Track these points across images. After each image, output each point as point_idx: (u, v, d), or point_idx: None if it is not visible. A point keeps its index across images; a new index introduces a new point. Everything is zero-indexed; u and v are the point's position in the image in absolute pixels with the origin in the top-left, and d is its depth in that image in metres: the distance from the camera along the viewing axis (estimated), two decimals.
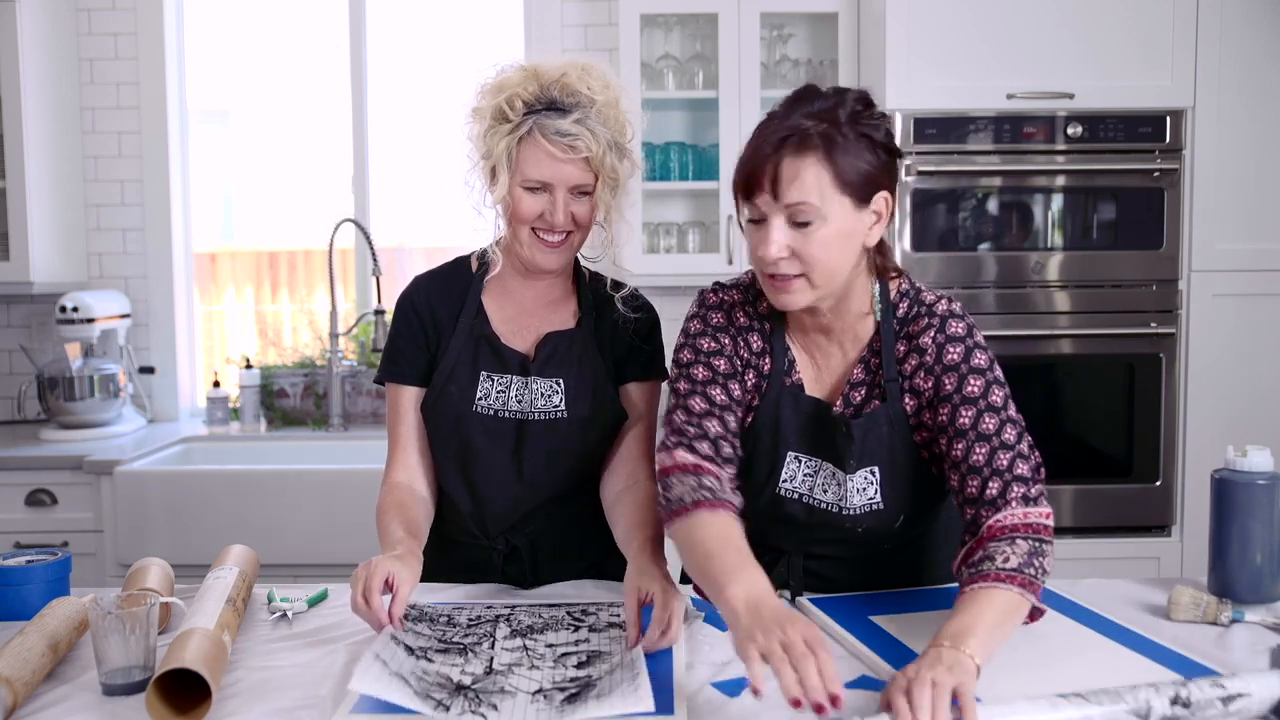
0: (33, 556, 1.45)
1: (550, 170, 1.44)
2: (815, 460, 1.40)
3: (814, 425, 1.40)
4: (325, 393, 3.29)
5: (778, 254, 1.27)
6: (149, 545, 2.64)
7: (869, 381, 1.39)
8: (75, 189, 3.25)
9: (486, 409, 1.53)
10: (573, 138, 1.42)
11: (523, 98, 1.44)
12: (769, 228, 1.28)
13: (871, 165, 1.28)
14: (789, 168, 1.25)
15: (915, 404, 1.37)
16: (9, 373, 3.33)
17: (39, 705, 1.15)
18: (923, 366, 1.35)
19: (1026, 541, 1.22)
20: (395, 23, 3.44)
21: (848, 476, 1.37)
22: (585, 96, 1.44)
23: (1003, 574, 1.18)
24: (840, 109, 1.28)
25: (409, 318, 1.58)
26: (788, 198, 1.26)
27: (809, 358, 1.43)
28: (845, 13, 2.96)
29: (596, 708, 1.08)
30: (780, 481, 1.40)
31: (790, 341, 1.43)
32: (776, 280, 1.31)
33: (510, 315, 1.58)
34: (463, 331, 1.56)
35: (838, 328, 1.40)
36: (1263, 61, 2.72)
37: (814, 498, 1.40)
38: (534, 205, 1.46)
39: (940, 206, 2.74)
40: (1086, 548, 2.76)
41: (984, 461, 1.28)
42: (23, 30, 2.96)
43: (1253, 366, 2.77)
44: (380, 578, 1.28)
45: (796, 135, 1.26)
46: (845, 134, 1.26)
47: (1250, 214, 2.76)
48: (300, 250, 3.66)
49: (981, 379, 1.32)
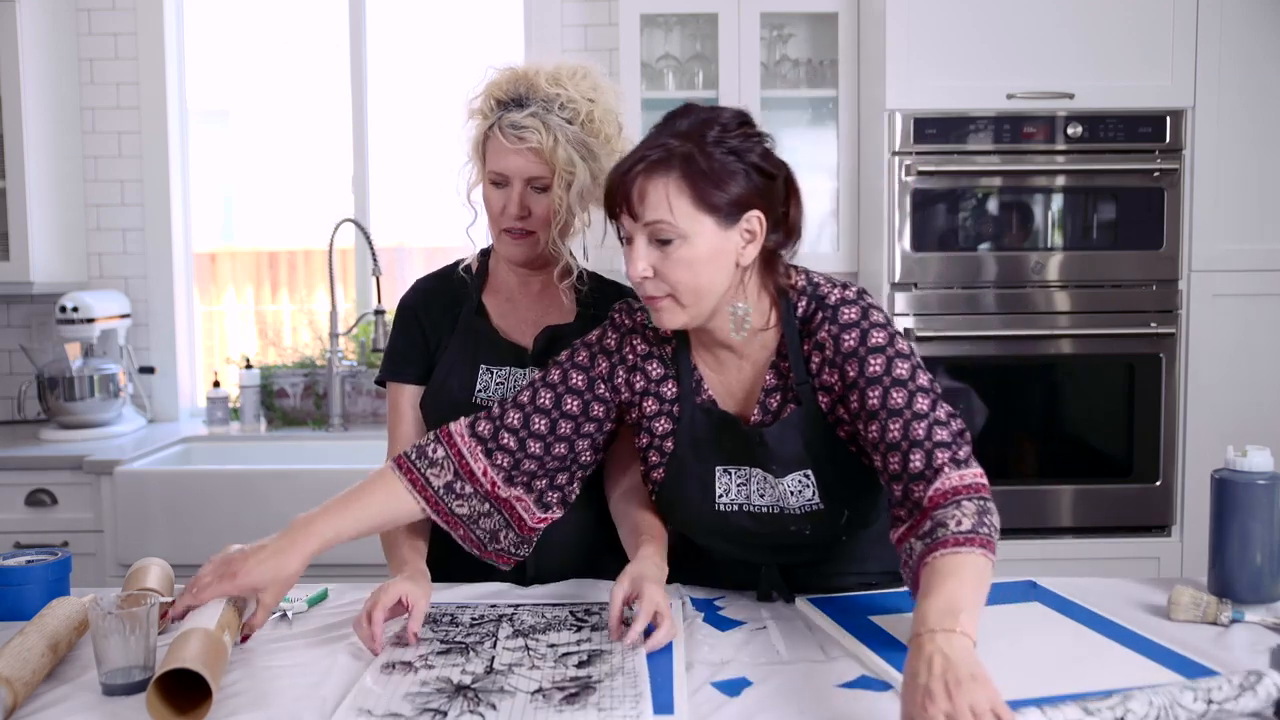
0: (33, 556, 1.45)
1: (503, 162, 1.50)
2: (744, 469, 1.39)
3: (731, 438, 1.39)
4: (325, 393, 3.29)
5: (641, 273, 1.28)
6: (149, 545, 2.64)
7: (781, 386, 1.37)
8: (75, 189, 3.25)
9: (486, 401, 1.55)
10: (523, 130, 1.47)
11: (496, 95, 1.51)
12: (634, 246, 1.29)
13: (740, 185, 1.27)
14: (644, 187, 1.26)
15: (829, 400, 1.35)
16: (9, 373, 3.33)
17: (39, 705, 1.15)
18: (826, 361, 1.34)
19: (971, 502, 1.21)
20: (395, 23, 3.44)
21: (778, 480, 1.36)
22: (549, 93, 1.48)
23: (961, 538, 1.16)
24: (709, 128, 1.27)
25: (408, 319, 1.63)
26: (645, 216, 1.26)
27: (717, 373, 1.42)
28: (845, 13, 2.96)
29: (598, 718, 1.08)
30: (716, 497, 1.40)
31: (696, 359, 1.42)
32: (649, 301, 1.31)
33: (508, 311, 1.63)
34: (462, 327, 1.60)
35: (737, 344, 1.38)
36: (1263, 61, 2.72)
37: (752, 505, 1.39)
38: (497, 199, 1.53)
39: (940, 206, 2.74)
40: (1086, 548, 2.76)
41: (900, 436, 1.25)
42: (23, 30, 2.96)
43: (1253, 366, 2.77)
44: (392, 598, 1.30)
45: (655, 153, 1.26)
46: (709, 153, 1.26)
47: (1250, 214, 2.76)
48: (300, 250, 3.66)
49: (881, 356, 1.29)
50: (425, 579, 1.41)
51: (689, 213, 1.26)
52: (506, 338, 1.60)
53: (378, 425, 3.28)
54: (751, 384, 1.40)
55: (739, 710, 1.11)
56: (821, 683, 1.18)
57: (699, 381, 1.42)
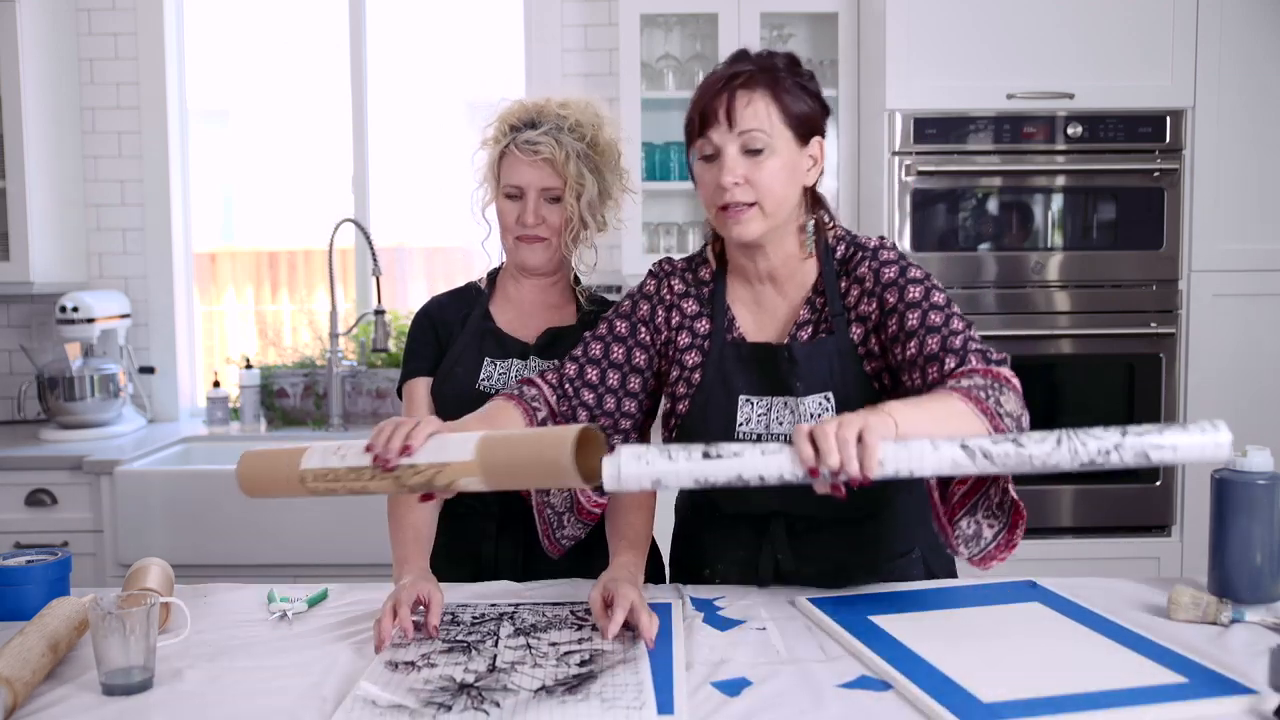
0: (33, 556, 1.45)
1: (518, 175, 1.64)
2: (766, 399, 1.45)
3: (759, 368, 1.46)
4: (325, 393, 3.29)
5: (733, 180, 1.37)
6: (149, 545, 2.64)
7: (815, 320, 1.47)
8: (75, 189, 3.25)
9: (489, 388, 1.65)
10: (538, 145, 1.62)
11: (509, 122, 1.67)
12: (724, 158, 1.38)
13: (809, 107, 1.41)
14: (742, 98, 1.37)
15: (862, 331, 1.44)
16: (9, 373, 3.33)
17: (39, 705, 1.15)
18: (864, 293, 1.44)
19: (985, 379, 1.27)
20: (395, 23, 3.44)
21: (799, 401, 1.42)
22: (559, 116, 1.64)
23: (955, 389, 1.24)
24: (778, 59, 1.42)
25: (424, 324, 1.75)
26: (742, 124, 1.37)
27: (751, 312, 1.51)
28: (845, 13, 2.96)
29: (600, 710, 1.09)
30: (737, 426, 1.45)
31: (731, 300, 1.52)
32: (730, 211, 1.39)
33: (513, 315, 1.74)
34: (470, 328, 1.72)
35: (782, 274, 1.48)
36: (1263, 61, 2.72)
37: (770, 434, 1.44)
38: (511, 211, 1.66)
39: (940, 206, 2.74)
40: (1086, 548, 2.76)
41: (939, 347, 1.34)
42: (23, 30, 2.97)
43: (1253, 366, 2.78)
44: (412, 595, 1.35)
45: (745, 74, 1.39)
46: (784, 77, 1.40)
47: (1250, 214, 2.76)
48: (300, 250, 3.66)
49: (920, 286, 1.40)
50: (433, 578, 1.44)
51: (778, 126, 1.38)
52: (511, 336, 1.71)
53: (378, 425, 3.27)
54: (786, 320, 1.49)
55: (739, 710, 1.11)
56: (821, 683, 1.18)
57: (731, 320, 1.51)
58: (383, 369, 3.32)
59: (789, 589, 1.51)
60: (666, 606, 1.42)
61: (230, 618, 1.43)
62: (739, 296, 1.52)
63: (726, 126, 1.38)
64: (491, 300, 1.76)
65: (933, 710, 1.08)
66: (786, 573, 1.52)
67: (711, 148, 1.40)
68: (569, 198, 1.64)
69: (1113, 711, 1.07)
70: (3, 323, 3.33)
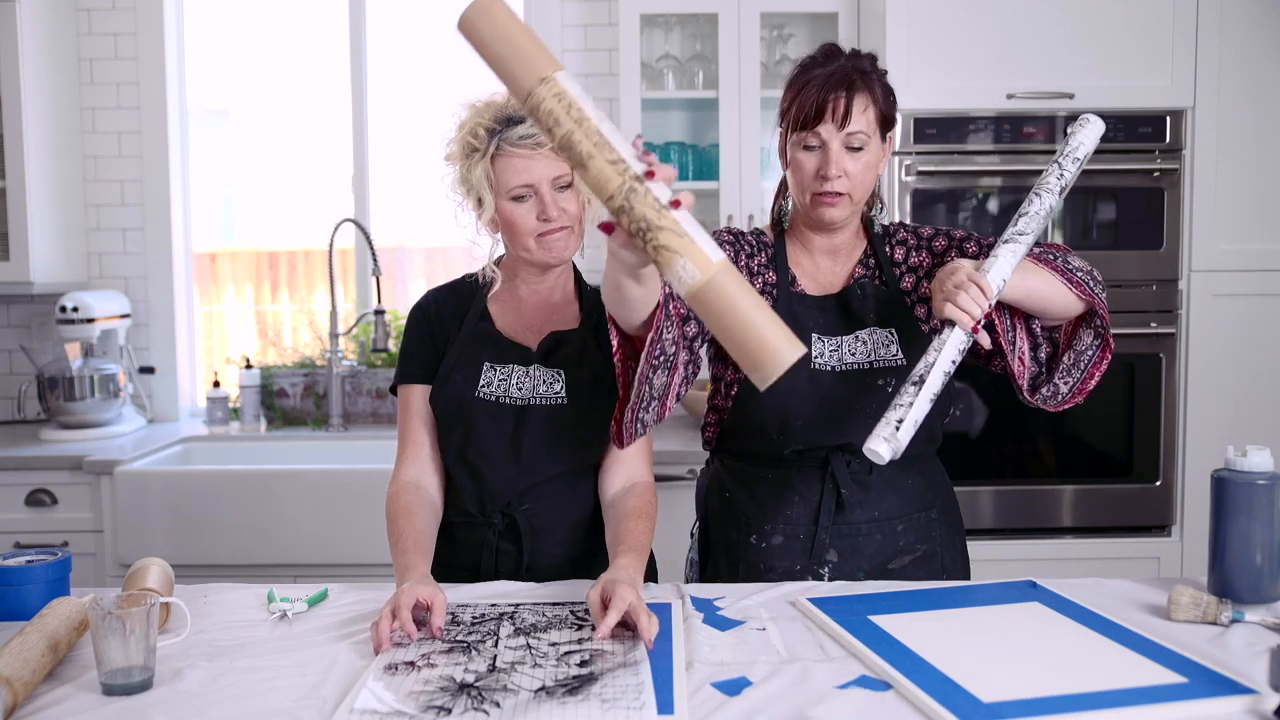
0: (33, 556, 1.45)
1: (524, 174, 1.54)
2: (836, 337, 1.61)
3: (826, 313, 1.62)
4: (325, 393, 3.29)
5: (837, 173, 1.53)
6: (149, 545, 2.64)
7: (869, 277, 1.66)
8: (75, 189, 3.25)
9: (489, 395, 1.60)
10: (534, 137, 1.53)
11: (484, 125, 1.55)
12: (829, 151, 1.53)
13: (890, 106, 1.58)
14: (858, 102, 1.52)
15: (914, 279, 1.66)
16: (9, 373, 3.33)
17: (39, 705, 1.15)
18: (911, 249, 1.67)
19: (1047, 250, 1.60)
20: (395, 23, 3.44)
21: (870, 331, 1.61)
22: None
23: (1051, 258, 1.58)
24: (865, 60, 1.57)
25: (420, 325, 1.68)
26: (851, 127, 1.52)
27: (812, 276, 1.66)
28: (845, 13, 2.96)
29: (600, 710, 1.09)
30: (813, 358, 1.59)
31: (791, 264, 1.66)
32: (826, 197, 1.55)
33: (513, 317, 1.67)
34: (468, 330, 1.64)
35: (842, 250, 1.66)
36: (1263, 61, 2.72)
37: (844, 364, 1.60)
38: (525, 212, 1.56)
39: (940, 206, 2.74)
40: (1086, 548, 2.76)
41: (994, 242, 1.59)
42: (23, 30, 2.97)
43: (1253, 366, 2.78)
44: (411, 599, 1.33)
45: (859, 76, 1.53)
46: (879, 80, 1.56)
47: (1250, 214, 2.76)
48: (300, 250, 3.66)
49: (962, 230, 1.68)
50: (434, 582, 1.42)
51: (873, 126, 1.55)
52: (511, 339, 1.64)
53: (378, 425, 3.28)
54: (844, 280, 1.66)
55: (739, 710, 1.11)
56: (821, 683, 1.18)
57: (793, 278, 1.65)
58: (383, 369, 3.32)
59: (793, 583, 1.51)
60: (666, 606, 1.42)
61: (230, 618, 1.43)
62: (799, 262, 1.66)
63: (837, 125, 1.52)
64: (490, 297, 1.68)
65: (933, 710, 1.08)
66: (850, 508, 1.60)
67: (818, 140, 1.54)
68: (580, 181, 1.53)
69: (1113, 711, 1.07)
70: (3, 323, 3.33)
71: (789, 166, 1.60)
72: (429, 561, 1.50)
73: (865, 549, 1.62)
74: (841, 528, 1.61)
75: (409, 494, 1.59)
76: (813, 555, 1.62)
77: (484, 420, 1.59)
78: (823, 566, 1.62)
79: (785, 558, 1.63)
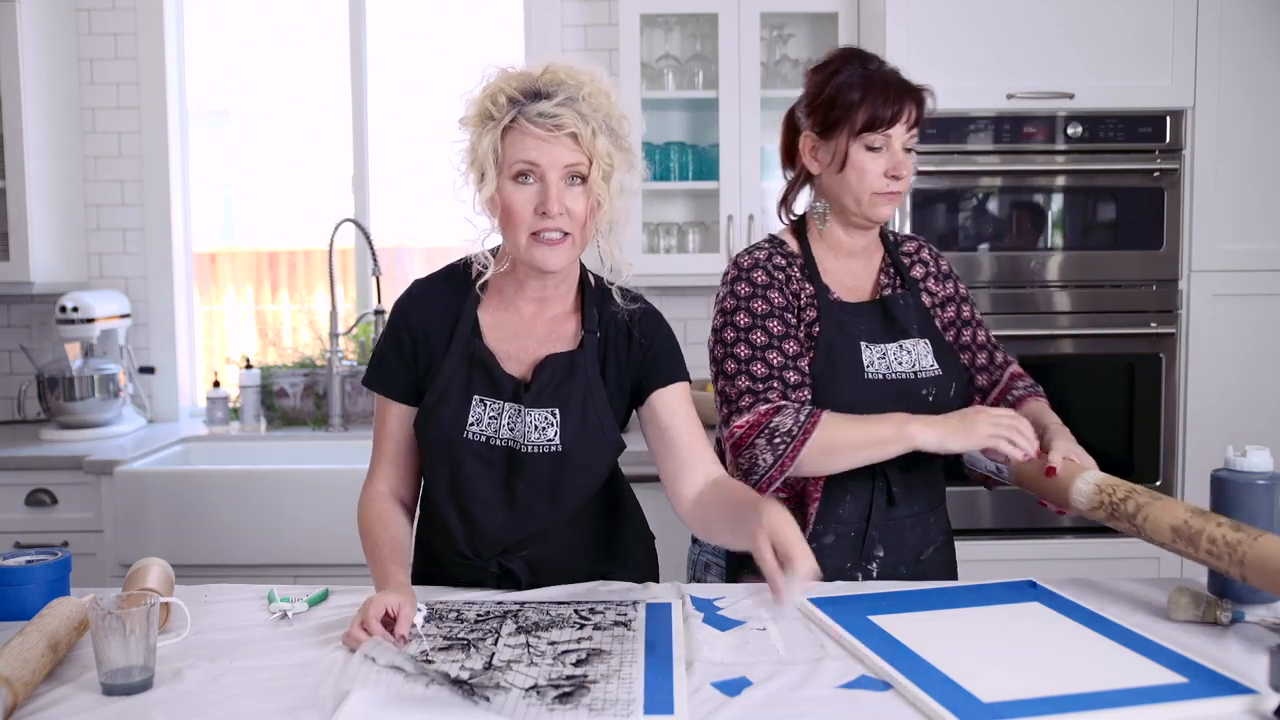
0: (33, 556, 1.45)
1: (534, 152, 1.37)
2: (882, 345, 1.66)
3: (869, 320, 1.67)
4: (325, 393, 3.29)
5: (906, 173, 1.61)
6: (149, 545, 2.64)
7: (892, 284, 1.72)
8: (75, 189, 3.25)
9: (478, 435, 1.47)
10: (557, 117, 1.36)
11: (506, 93, 1.39)
12: (894, 152, 1.60)
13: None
14: (917, 111, 1.61)
15: (930, 300, 1.75)
16: (9, 373, 3.33)
17: (39, 705, 1.15)
18: (930, 274, 1.76)
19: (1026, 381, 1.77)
20: (395, 23, 3.44)
21: (914, 343, 1.67)
22: (572, 85, 1.38)
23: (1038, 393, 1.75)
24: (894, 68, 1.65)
25: (400, 332, 1.53)
26: (913, 129, 1.61)
27: (840, 280, 1.70)
28: (845, 13, 2.96)
29: (588, 718, 1.08)
30: (865, 366, 1.63)
31: (822, 272, 1.69)
32: (888, 196, 1.61)
33: (508, 335, 1.51)
34: (457, 349, 1.49)
35: (871, 250, 1.73)
36: (1263, 61, 2.72)
37: (894, 373, 1.64)
38: (525, 198, 1.39)
39: (940, 206, 2.74)
40: (1086, 548, 2.76)
41: (985, 339, 1.79)
42: (23, 30, 2.96)
43: (1253, 366, 2.77)
44: (379, 610, 1.29)
45: (915, 86, 1.62)
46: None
47: (1250, 214, 2.76)
48: (300, 250, 3.66)
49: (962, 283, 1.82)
50: (409, 591, 1.38)
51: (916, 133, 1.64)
52: (504, 367, 1.49)
53: None
54: (871, 286, 1.72)
55: (739, 710, 1.11)
56: (821, 683, 1.18)
57: (826, 286, 1.68)
58: None
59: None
60: (666, 606, 1.42)
61: (230, 618, 1.43)
62: (826, 268, 1.70)
63: (907, 127, 1.60)
64: (483, 304, 1.52)
65: (933, 710, 1.08)
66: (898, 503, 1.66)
67: (883, 142, 1.59)
68: (595, 178, 1.39)
69: (1113, 711, 1.07)
70: (3, 323, 3.33)
71: (844, 168, 1.61)
72: (407, 570, 1.46)
73: (909, 541, 1.68)
74: (890, 523, 1.66)
75: (383, 502, 1.53)
76: (863, 553, 1.65)
77: (473, 463, 1.48)
78: (871, 563, 1.65)
79: (835, 556, 1.63)
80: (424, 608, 1.40)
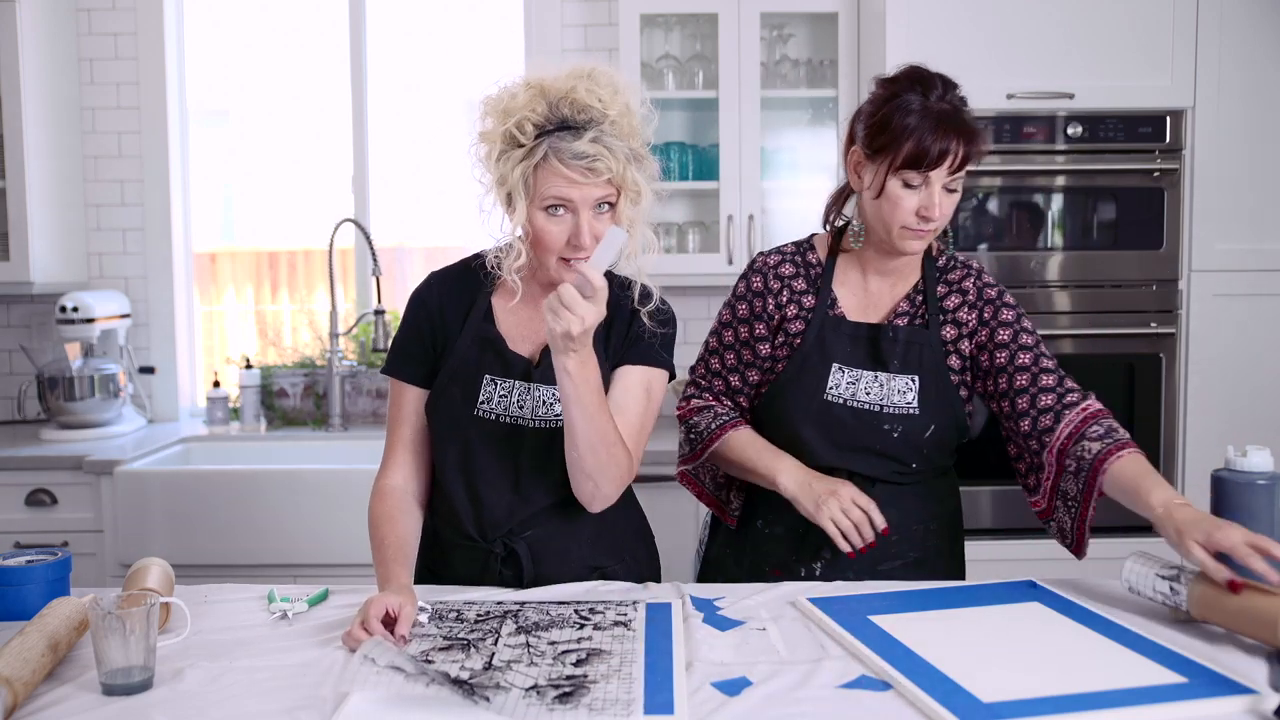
0: (33, 556, 1.45)
1: (570, 189, 1.41)
2: (856, 370, 1.65)
3: (856, 342, 1.66)
4: (325, 393, 3.29)
5: (941, 213, 1.55)
6: (149, 545, 2.64)
7: (912, 313, 1.68)
8: (75, 189, 3.25)
9: (488, 413, 1.53)
10: (591, 159, 1.39)
11: (532, 120, 1.41)
12: (932, 192, 1.55)
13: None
14: (967, 153, 1.54)
15: (956, 333, 1.67)
16: (9, 373, 3.33)
17: (39, 705, 1.15)
18: (966, 303, 1.68)
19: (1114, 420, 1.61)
20: (395, 23, 3.44)
21: (890, 377, 1.63)
22: (598, 111, 1.42)
23: (1132, 444, 1.57)
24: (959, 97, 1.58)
25: (419, 316, 1.61)
26: (955, 172, 1.55)
27: (857, 295, 1.69)
28: (845, 13, 2.96)
29: (588, 718, 1.08)
30: (827, 389, 1.64)
31: (837, 284, 1.69)
32: (916, 232, 1.57)
33: (519, 320, 1.57)
34: (470, 332, 1.56)
35: (902, 272, 1.69)
36: (1263, 61, 2.72)
37: (856, 400, 1.64)
38: (558, 230, 1.43)
39: None
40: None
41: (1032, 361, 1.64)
42: (23, 30, 2.97)
43: (1253, 366, 2.77)
44: (379, 610, 1.30)
45: (969, 128, 1.55)
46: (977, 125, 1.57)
47: (1250, 214, 2.76)
48: (300, 250, 3.66)
49: (1014, 310, 1.67)
50: (410, 592, 1.39)
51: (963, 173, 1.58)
52: (513, 348, 1.55)
53: (378, 425, 3.28)
54: (888, 308, 1.69)
55: (739, 710, 1.11)
56: (821, 683, 1.18)
57: (834, 300, 1.68)
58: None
59: (793, 583, 1.51)
60: (666, 606, 1.42)
61: (230, 618, 1.43)
62: (847, 280, 1.70)
63: (948, 171, 1.54)
64: (496, 291, 1.58)
65: (933, 710, 1.08)
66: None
67: (921, 180, 1.55)
68: (624, 205, 1.45)
69: (1113, 711, 1.08)
70: (3, 323, 3.33)
71: (880, 196, 1.57)
72: (410, 571, 1.47)
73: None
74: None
75: (394, 499, 1.55)
76: (804, 548, 1.67)
77: (483, 440, 1.53)
78: (815, 561, 1.67)
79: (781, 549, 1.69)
80: (428, 607, 1.40)
